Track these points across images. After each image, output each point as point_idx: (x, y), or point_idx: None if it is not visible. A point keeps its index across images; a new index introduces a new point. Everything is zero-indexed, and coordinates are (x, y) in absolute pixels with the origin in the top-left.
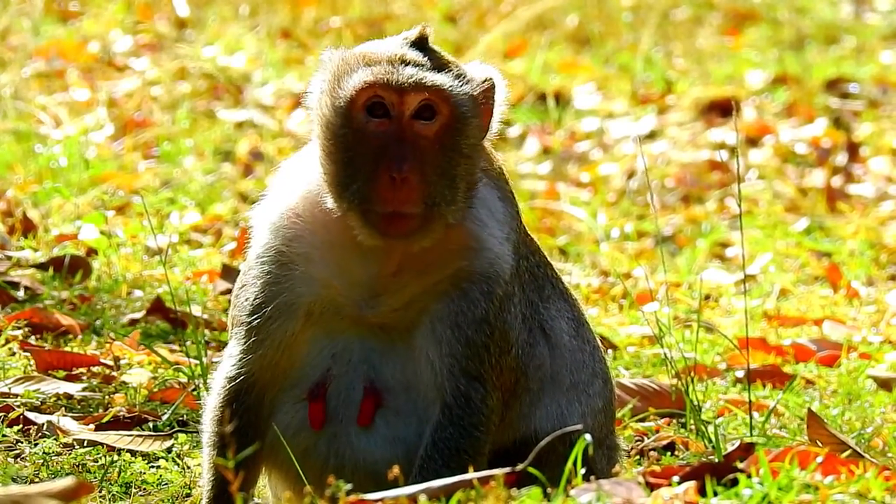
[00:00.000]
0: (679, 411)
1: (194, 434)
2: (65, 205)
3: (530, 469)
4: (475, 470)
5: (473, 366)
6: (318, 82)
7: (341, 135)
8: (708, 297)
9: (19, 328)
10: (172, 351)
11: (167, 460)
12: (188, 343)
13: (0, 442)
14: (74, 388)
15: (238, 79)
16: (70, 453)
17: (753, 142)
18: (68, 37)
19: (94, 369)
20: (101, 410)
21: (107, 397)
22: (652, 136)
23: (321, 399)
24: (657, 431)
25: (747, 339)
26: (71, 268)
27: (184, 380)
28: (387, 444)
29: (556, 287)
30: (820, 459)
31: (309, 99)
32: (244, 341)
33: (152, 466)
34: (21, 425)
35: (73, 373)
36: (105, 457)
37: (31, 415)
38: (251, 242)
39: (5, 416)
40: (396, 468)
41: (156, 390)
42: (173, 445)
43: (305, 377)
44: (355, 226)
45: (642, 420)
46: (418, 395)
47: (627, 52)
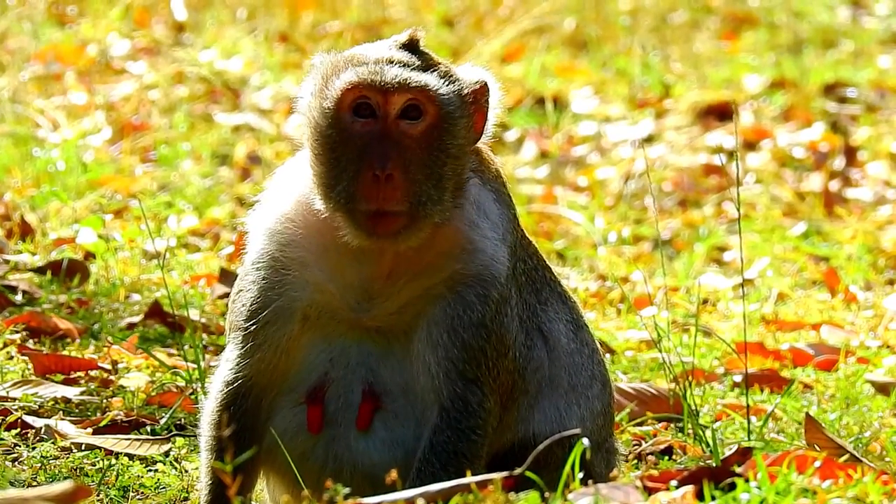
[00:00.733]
0: (677, 416)
1: (192, 438)
2: (62, 208)
3: (528, 473)
4: (473, 473)
5: (470, 369)
6: (309, 86)
7: (328, 136)
8: (706, 302)
9: (17, 332)
10: (170, 355)
11: (165, 464)
12: (186, 347)
13: None
14: (72, 392)
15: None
16: (68, 457)
17: (751, 146)
18: (66, 40)
19: (92, 373)
20: (98, 414)
21: (105, 401)
22: (649, 140)
23: (319, 403)
24: (655, 436)
25: (745, 343)
26: (69, 271)
27: (182, 384)
28: (385, 448)
29: (555, 290)
30: (818, 464)
31: (300, 103)
32: (241, 345)
33: (150, 470)
34: (19, 429)
35: (71, 376)
36: (103, 460)
37: (29, 418)
38: (247, 248)
39: (3, 419)
40: (394, 472)
41: (154, 394)
42: (171, 449)
43: (303, 381)
44: (342, 226)
45: (640, 424)
46: (416, 398)
47: (625, 56)
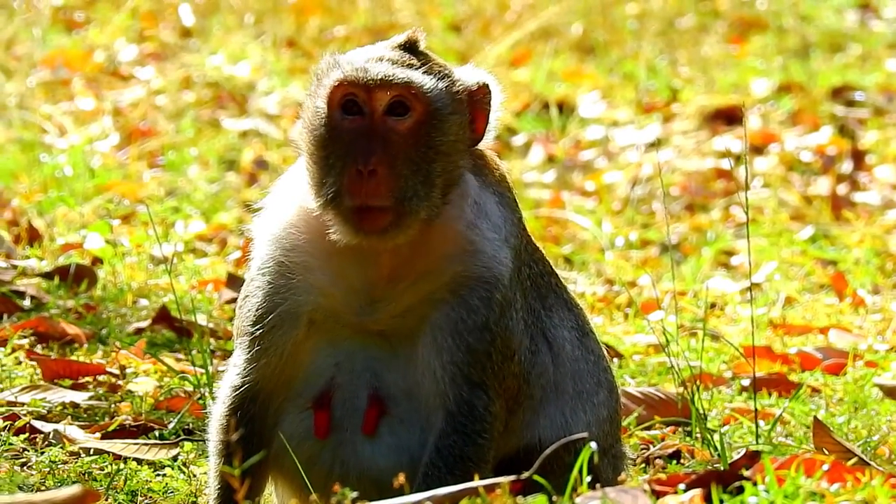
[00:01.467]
0: (685, 420)
1: (200, 442)
2: (70, 214)
3: (536, 477)
4: (480, 477)
5: (476, 373)
6: (308, 89)
7: (319, 134)
8: (713, 306)
9: (25, 337)
10: (178, 360)
11: (173, 469)
12: (194, 352)
13: (7, 450)
14: (80, 397)
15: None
16: (76, 462)
17: (759, 150)
18: (74, 46)
19: (100, 378)
20: (107, 419)
21: (113, 406)
22: (657, 144)
23: (326, 408)
24: (663, 440)
25: (753, 347)
26: (76, 277)
27: (189, 388)
28: (391, 453)
29: (560, 296)
30: (826, 467)
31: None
32: (248, 351)
33: (158, 475)
34: (27, 434)
35: (80, 382)
36: (111, 465)
37: (38, 423)
38: (252, 254)
39: (12, 424)
40: (402, 476)
41: (161, 399)
42: (179, 454)
43: (310, 386)
44: (331, 223)
45: (648, 428)
46: (421, 403)
47: (632, 60)
